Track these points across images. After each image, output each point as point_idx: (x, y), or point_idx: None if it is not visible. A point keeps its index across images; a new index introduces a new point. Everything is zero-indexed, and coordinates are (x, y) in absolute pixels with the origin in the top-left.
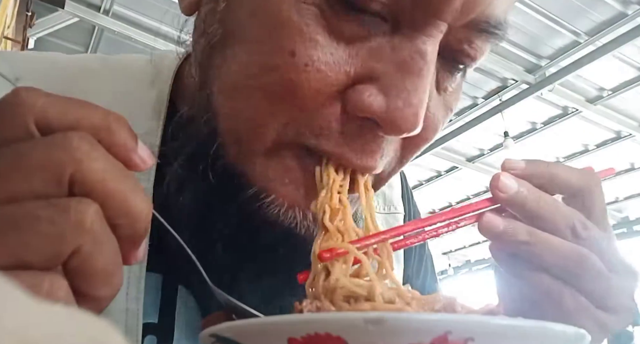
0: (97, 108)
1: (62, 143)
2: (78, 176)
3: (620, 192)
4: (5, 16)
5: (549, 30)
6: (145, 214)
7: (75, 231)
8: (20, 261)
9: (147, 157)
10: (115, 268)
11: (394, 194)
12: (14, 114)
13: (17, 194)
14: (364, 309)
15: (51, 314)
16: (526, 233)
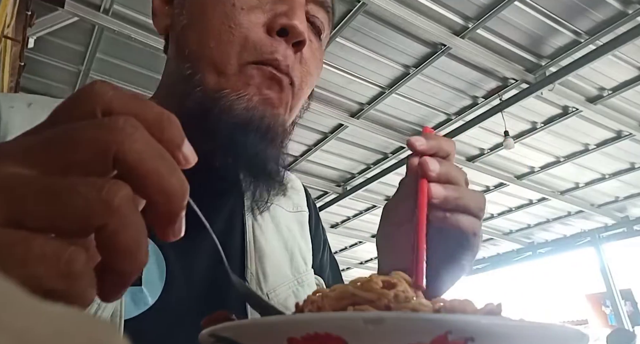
0: (155, 106)
1: (109, 124)
2: (120, 154)
3: (620, 192)
4: (5, 15)
5: (549, 30)
6: (180, 194)
7: (103, 210)
8: (52, 226)
9: (191, 156)
10: (138, 247)
11: (300, 199)
12: (86, 100)
13: (67, 166)
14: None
15: (51, 314)
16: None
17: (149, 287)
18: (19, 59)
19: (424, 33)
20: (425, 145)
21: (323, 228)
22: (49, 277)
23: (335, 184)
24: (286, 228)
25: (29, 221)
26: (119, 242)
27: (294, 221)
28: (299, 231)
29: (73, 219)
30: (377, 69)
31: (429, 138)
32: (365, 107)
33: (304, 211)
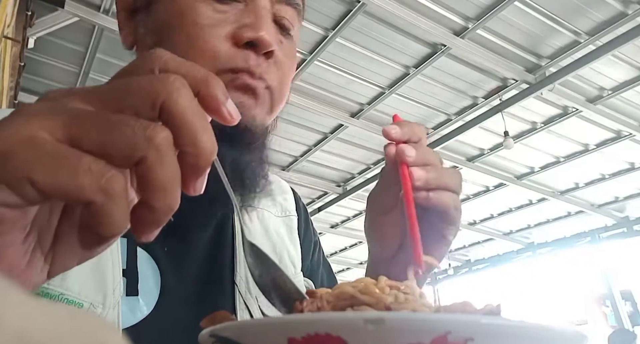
0: (202, 69)
1: (162, 79)
2: (166, 104)
3: (620, 192)
4: (5, 15)
5: (549, 30)
6: (209, 151)
7: (145, 143)
8: (101, 151)
9: (234, 113)
10: (172, 185)
11: (288, 203)
12: (147, 61)
13: (124, 106)
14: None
15: (51, 313)
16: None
17: (145, 297)
18: (19, 59)
19: (424, 33)
20: (400, 132)
21: (314, 230)
22: (90, 189)
23: (335, 184)
24: (275, 233)
25: (83, 143)
26: (155, 177)
27: (282, 226)
28: (287, 235)
29: (120, 147)
30: (377, 69)
31: (402, 125)
32: (365, 107)
33: (293, 215)
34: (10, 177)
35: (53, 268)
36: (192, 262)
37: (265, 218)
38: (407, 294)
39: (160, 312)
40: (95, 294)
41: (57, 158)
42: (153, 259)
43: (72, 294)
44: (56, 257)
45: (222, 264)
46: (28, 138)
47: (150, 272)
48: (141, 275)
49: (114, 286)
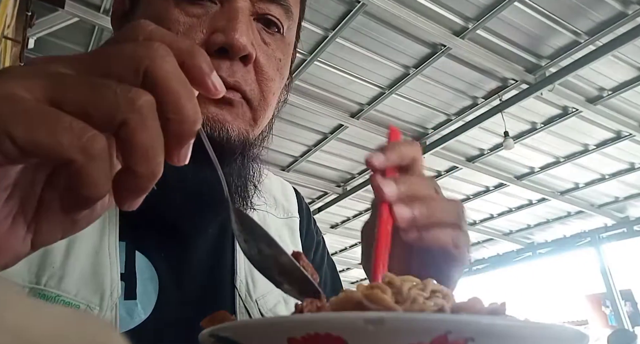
0: (187, 40)
1: (147, 45)
2: (150, 69)
3: (620, 192)
4: (5, 16)
5: (549, 30)
6: (192, 119)
7: (127, 106)
8: (83, 112)
9: (219, 85)
10: (155, 150)
11: (290, 205)
12: (132, 31)
13: (107, 72)
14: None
15: (51, 313)
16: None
17: (143, 301)
18: (19, 60)
19: (424, 33)
20: (382, 161)
21: (317, 230)
22: (70, 147)
23: (335, 184)
24: (276, 235)
25: (64, 104)
26: (137, 141)
27: (284, 228)
28: (289, 237)
29: (101, 108)
30: (377, 69)
31: (387, 150)
32: (365, 107)
33: (295, 217)
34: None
35: (36, 239)
36: (191, 266)
37: (267, 221)
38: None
39: (158, 316)
40: (92, 297)
41: (36, 115)
42: (151, 263)
43: (69, 296)
44: (40, 227)
45: (222, 267)
46: (7, 95)
47: (149, 276)
48: (139, 279)
49: (112, 288)
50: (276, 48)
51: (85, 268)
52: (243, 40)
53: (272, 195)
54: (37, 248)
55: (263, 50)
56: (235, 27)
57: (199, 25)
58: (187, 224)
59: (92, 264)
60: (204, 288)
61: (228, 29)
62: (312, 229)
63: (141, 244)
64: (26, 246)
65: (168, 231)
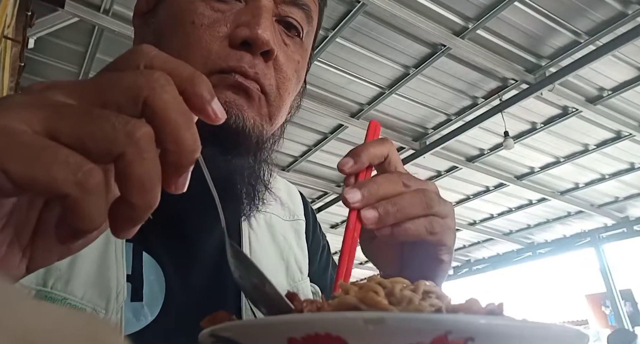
0: (189, 67)
1: (146, 74)
2: (149, 99)
3: (620, 192)
4: (5, 16)
5: (549, 30)
6: (191, 149)
7: (125, 139)
8: (80, 145)
9: (220, 112)
10: (151, 182)
11: (296, 208)
12: (133, 57)
13: (107, 101)
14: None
15: (51, 314)
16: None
17: (150, 303)
18: (19, 60)
19: (424, 33)
20: (354, 165)
21: (322, 234)
22: (65, 182)
23: (335, 184)
24: (282, 237)
25: (62, 136)
26: (134, 173)
27: (290, 230)
28: (295, 239)
29: (98, 141)
30: (377, 69)
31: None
32: (365, 107)
33: (301, 220)
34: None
35: (32, 264)
36: (197, 268)
37: (273, 222)
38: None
39: (165, 318)
40: (98, 299)
41: (33, 149)
42: (158, 264)
43: (75, 299)
44: (35, 252)
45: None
46: (4, 128)
47: (155, 277)
48: (146, 281)
49: (118, 291)
50: (295, 50)
51: (91, 271)
52: (267, 35)
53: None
54: (32, 272)
55: (283, 50)
56: (259, 22)
57: (223, 19)
58: (193, 225)
59: (98, 266)
60: (211, 289)
61: (252, 23)
62: (318, 234)
63: (148, 245)
64: (21, 271)
65: (175, 232)
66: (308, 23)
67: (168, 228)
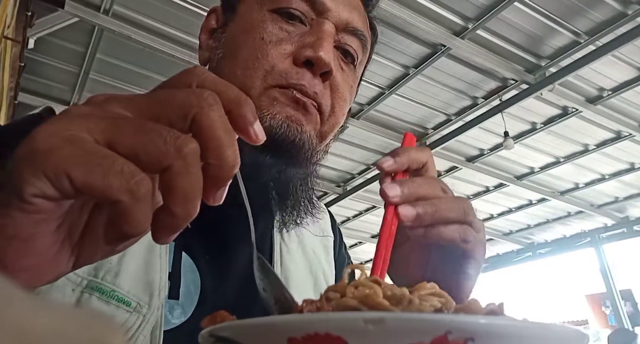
0: (236, 90)
1: (197, 93)
2: (197, 117)
3: (620, 192)
4: (5, 16)
5: (549, 30)
6: (231, 164)
7: (174, 152)
8: (134, 155)
9: (260, 134)
10: (193, 194)
11: (325, 224)
12: (186, 76)
13: (159, 116)
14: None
15: (52, 314)
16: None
17: (185, 301)
18: (19, 60)
19: (424, 34)
20: (394, 164)
21: (347, 253)
22: (119, 189)
23: (335, 184)
24: (312, 251)
25: (119, 146)
26: (179, 185)
27: (319, 245)
28: (324, 255)
29: (151, 153)
30: (377, 69)
31: (397, 154)
32: (365, 107)
33: (329, 236)
34: (51, 171)
35: (78, 261)
36: (231, 275)
37: (304, 236)
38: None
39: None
40: (142, 294)
41: (93, 158)
42: (195, 265)
43: (122, 292)
44: (82, 251)
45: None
46: (71, 136)
47: (192, 278)
48: (183, 280)
49: (160, 288)
50: (350, 75)
51: (138, 266)
52: (329, 56)
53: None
54: (76, 268)
55: (340, 73)
56: (322, 44)
57: (289, 39)
58: (231, 234)
59: (145, 262)
60: (242, 296)
61: (316, 45)
62: (344, 252)
63: (188, 246)
64: (69, 267)
65: (213, 236)
66: (363, 53)
67: (208, 234)
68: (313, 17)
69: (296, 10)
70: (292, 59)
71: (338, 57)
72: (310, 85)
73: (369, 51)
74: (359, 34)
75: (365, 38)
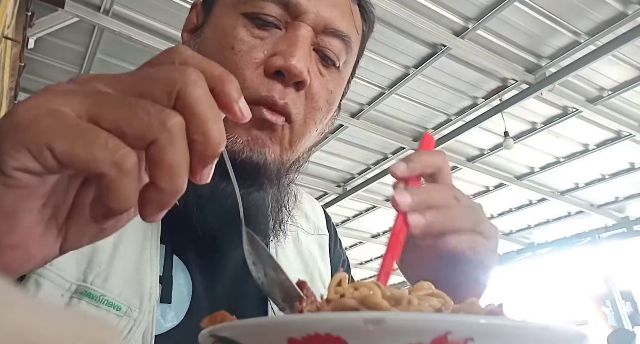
0: (220, 67)
1: (181, 70)
2: (182, 93)
3: (620, 192)
4: (5, 16)
5: (549, 30)
6: (217, 141)
7: (159, 126)
8: (118, 130)
9: (246, 111)
10: (180, 168)
11: (320, 222)
12: (169, 55)
13: (143, 92)
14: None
15: (52, 315)
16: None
17: (178, 305)
18: (19, 60)
19: (424, 33)
20: (405, 170)
21: (343, 250)
22: (104, 162)
23: (335, 184)
24: (307, 251)
25: (102, 121)
26: (165, 158)
27: (314, 244)
28: (319, 253)
29: (135, 127)
30: (377, 69)
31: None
32: (365, 107)
33: (325, 235)
34: (32, 143)
35: (65, 243)
36: (224, 276)
37: (299, 236)
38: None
39: (190, 322)
40: (132, 298)
41: (76, 131)
42: (187, 268)
43: (112, 296)
44: (69, 232)
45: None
46: (52, 110)
47: (184, 281)
48: (175, 284)
49: (151, 291)
50: (330, 80)
51: (128, 270)
52: (300, 66)
53: (303, 211)
54: (64, 252)
55: (318, 80)
56: (294, 53)
57: (261, 46)
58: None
59: (135, 266)
60: (235, 299)
61: (287, 53)
62: (339, 249)
63: (179, 249)
64: (55, 250)
65: (205, 240)
66: (347, 53)
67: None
68: (288, 21)
69: (269, 16)
70: (263, 69)
71: (317, 60)
72: (280, 96)
73: (356, 49)
74: (341, 35)
75: (348, 38)
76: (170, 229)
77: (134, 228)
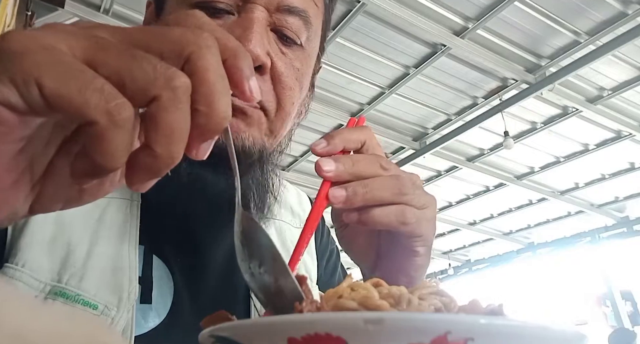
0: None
1: (196, 33)
2: (193, 56)
3: (620, 192)
4: (5, 15)
5: (549, 30)
6: (222, 115)
7: (164, 82)
8: (119, 78)
9: (255, 91)
10: (179, 133)
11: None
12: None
13: (151, 48)
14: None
15: (51, 314)
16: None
17: (158, 306)
18: None
19: (424, 33)
20: (326, 147)
21: (332, 240)
22: (96, 107)
23: None
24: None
25: (101, 68)
26: (165, 120)
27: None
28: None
29: (137, 79)
30: (377, 69)
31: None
32: (365, 107)
33: None
34: (18, 75)
35: (37, 203)
36: (206, 274)
37: (282, 230)
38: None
39: (172, 322)
40: (110, 297)
41: (71, 69)
42: (168, 268)
43: (88, 296)
44: (43, 191)
45: (237, 280)
46: (48, 45)
47: (165, 281)
48: (155, 284)
49: (130, 290)
50: (294, 58)
51: (105, 269)
52: (256, 50)
53: (288, 205)
54: (34, 214)
55: (281, 60)
56: (249, 37)
57: None
58: (204, 233)
59: (112, 265)
60: (218, 297)
61: (242, 38)
62: (326, 238)
63: (159, 249)
64: (24, 209)
65: (186, 238)
66: (307, 29)
67: (179, 234)
68: (239, 4)
69: (219, 2)
70: None
71: (276, 40)
72: None
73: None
74: (297, 11)
75: (305, 14)
76: (148, 230)
77: (110, 229)
